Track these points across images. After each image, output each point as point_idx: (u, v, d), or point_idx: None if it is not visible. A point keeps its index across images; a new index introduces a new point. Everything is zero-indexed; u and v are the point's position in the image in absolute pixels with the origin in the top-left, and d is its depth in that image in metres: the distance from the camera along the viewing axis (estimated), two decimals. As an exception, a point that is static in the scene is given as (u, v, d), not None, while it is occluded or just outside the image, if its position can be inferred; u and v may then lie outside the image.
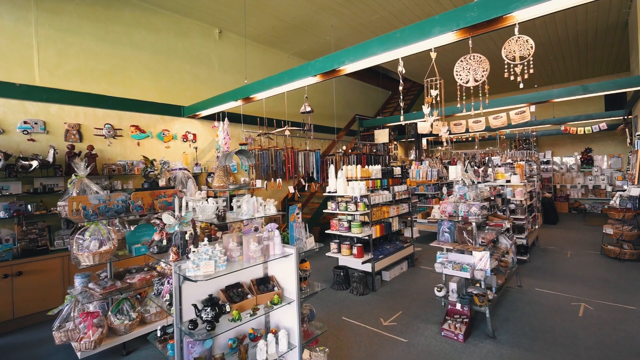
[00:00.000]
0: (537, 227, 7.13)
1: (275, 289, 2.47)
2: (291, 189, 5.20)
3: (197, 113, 5.83)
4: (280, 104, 6.29)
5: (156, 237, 2.46)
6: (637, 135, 6.03)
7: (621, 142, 10.61)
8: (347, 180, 4.79)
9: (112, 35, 5.29)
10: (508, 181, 5.69)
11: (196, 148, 6.08)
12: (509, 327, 3.57)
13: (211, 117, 6.15)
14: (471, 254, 3.60)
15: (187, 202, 2.60)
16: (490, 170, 5.33)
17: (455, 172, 3.64)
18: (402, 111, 3.31)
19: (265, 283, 2.55)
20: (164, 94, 5.88)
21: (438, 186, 7.45)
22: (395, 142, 10.36)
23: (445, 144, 4.32)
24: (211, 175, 5.48)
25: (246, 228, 2.54)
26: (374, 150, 8.74)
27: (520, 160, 6.95)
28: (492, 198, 4.47)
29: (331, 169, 4.71)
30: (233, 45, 7.10)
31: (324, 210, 4.87)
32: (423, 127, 7.22)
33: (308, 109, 4.38)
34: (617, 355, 2.99)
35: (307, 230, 2.68)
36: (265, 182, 4.72)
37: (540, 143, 12.09)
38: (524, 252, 5.85)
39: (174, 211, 2.32)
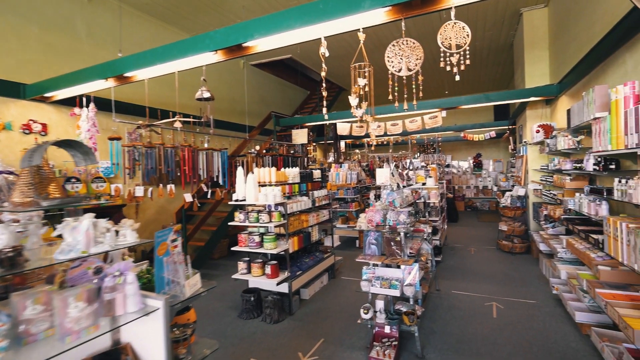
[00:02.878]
0: (445, 226, 7.54)
1: (129, 369, 1.51)
2: (188, 197, 4.10)
3: (47, 95, 4.16)
4: (172, 90, 4.96)
5: None
6: (524, 142, 6.80)
7: (503, 149, 12.40)
8: (260, 186, 3.97)
9: None
10: (424, 184, 5.72)
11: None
12: (435, 342, 3.39)
13: (71, 102, 4.46)
14: (398, 267, 3.22)
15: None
16: (412, 173, 5.20)
17: (383, 176, 3.21)
18: (324, 102, 2.69)
19: (113, 359, 1.56)
20: (-10, 63, 4.05)
21: (357, 189, 7.22)
22: (315, 144, 9.94)
23: (373, 143, 3.90)
24: (71, 180, 3.95)
25: (76, 272, 1.51)
26: (292, 152, 8.07)
27: (432, 164, 7.22)
28: (415, 202, 4.26)
29: (239, 171, 3.82)
30: (109, 11, 5.49)
31: (229, 223, 3.94)
32: (343, 128, 6.89)
33: (206, 94, 3.39)
34: (534, 357, 3.04)
35: (189, 264, 1.78)
36: (150, 189, 3.53)
37: (443, 148, 13.36)
38: (437, 253, 5.98)
39: None
